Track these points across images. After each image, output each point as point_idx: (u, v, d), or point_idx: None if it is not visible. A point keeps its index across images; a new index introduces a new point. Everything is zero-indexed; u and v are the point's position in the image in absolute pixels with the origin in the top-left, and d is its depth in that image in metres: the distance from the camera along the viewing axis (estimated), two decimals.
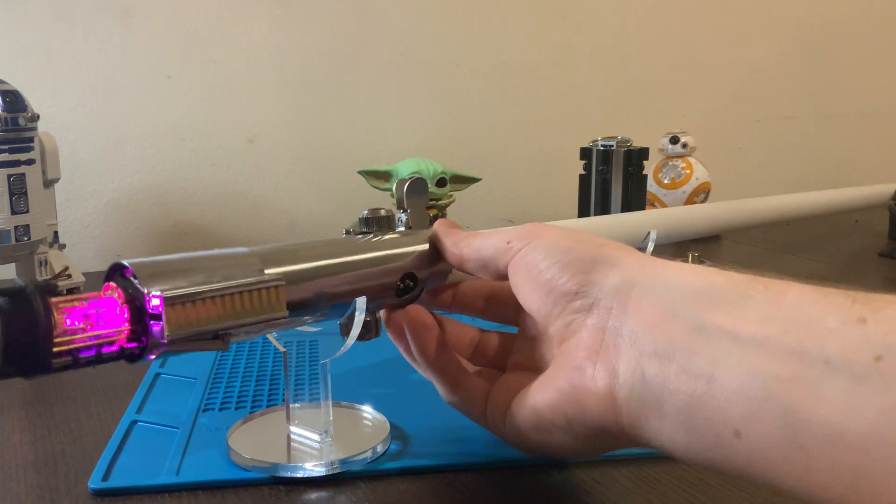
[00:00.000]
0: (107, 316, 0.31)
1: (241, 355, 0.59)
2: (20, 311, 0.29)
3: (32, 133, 0.71)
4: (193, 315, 0.32)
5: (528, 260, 0.36)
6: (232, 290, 0.33)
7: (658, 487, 0.40)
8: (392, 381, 0.54)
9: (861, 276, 0.85)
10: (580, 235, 0.36)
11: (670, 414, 0.29)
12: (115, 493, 0.40)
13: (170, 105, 0.98)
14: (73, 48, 0.93)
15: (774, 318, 0.27)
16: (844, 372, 0.24)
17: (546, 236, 0.36)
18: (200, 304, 0.32)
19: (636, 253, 0.35)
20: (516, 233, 0.37)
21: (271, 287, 0.34)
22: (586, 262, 0.34)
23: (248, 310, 0.33)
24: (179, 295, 0.31)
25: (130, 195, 0.97)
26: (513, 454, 0.42)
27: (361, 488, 0.40)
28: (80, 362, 0.31)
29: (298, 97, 1.03)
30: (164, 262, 0.33)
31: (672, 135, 1.08)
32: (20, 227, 0.70)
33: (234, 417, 0.47)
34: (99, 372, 0.58)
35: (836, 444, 0.24)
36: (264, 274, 0.35)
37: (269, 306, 0.34)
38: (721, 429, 0.27)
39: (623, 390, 0.31)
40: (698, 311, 0.29)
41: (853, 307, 0.26)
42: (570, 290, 0.33)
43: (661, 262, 0.33)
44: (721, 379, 0.27)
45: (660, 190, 1.08)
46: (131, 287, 0.32)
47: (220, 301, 0.32)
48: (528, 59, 1.13)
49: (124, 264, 0.32)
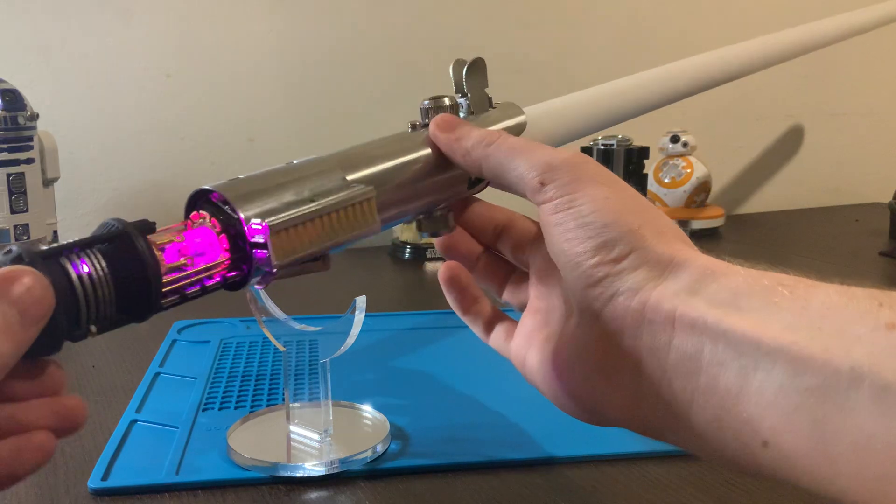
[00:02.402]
0: (205, 247, 0.30)
1: (241, 355, 0.59)
2: (125, 255, 0.27)
3: (32, 132, 0.71)
4: (297, 240, 0.31)
5: (563, 217, 0.32)
6: (329, 210, 0.32)
7: (658, 487, 0.40)
8: (392, 380, 0.54)
9: (862, 275, 0.85)
10: (622, 205, 0.32)
11: (698, 424, 0.28)
12: (115, 493, 0.40)
13: (169, 104, 0.98)
14: (72, 47, 0.93)
15: (800, 325, 0.26)
16: (871, 380, 0.24)
17: (588, 190, 0.32)
18: (301, 227, 0.31)
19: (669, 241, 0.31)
20: (554, 167, 0.32)
21: (363, 201, 0.33)
22: (622, 247, 0.31)
23: (346, 227, 0.33)
24: (282, 221, 0.30)
25: (130, 194, 0.97)
26: (512, 454, 0.42)
27: (361, 488, 0.40)
28: (187, 298, 0.30)
29: (298, 96, 1.03)
30: (248, 182, 0.32)
31: (672, 134, 1.08)
32: (19, 226, 0.70)
33: (234, 417, 0.47)
34: (99, 372, 0.58)
35: (862, 452, 0.24)
36: (351, 183, 0.34)
37: (364, 220, 0.33)
38: (749, 440, 0.27)
39: (648, 400, 0.30)
40: (722, 317, 0.28)
41: (880, 312, 0.25)
42: (593, 276, 0.31)
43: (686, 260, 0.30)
44: (750, 393, 0.27)
45: (660, 189, 1.08)
46: (222, 214, 0.31)
47: (320, 221, 0.32)
48: (528, 59, 1.13)
49: (209, 189, 0.31)
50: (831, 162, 1.34)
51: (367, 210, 0.33)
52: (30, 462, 0.27)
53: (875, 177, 1.33)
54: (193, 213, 0.31)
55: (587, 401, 0.32)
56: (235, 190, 0.31)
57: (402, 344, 0.61)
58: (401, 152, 0.37)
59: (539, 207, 0.33)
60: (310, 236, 0.31)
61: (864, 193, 1.32)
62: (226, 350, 0.60)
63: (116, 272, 0.27)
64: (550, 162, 0.33)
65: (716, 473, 0.40)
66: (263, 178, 0.32)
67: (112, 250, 0.27)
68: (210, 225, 0.31)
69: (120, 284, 0.27)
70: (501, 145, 0.35)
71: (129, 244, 0.27)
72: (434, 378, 0.54)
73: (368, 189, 0.34)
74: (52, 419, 0.28)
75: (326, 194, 0.33)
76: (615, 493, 0.39)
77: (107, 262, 0.27)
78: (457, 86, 0.41)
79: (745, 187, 1.29)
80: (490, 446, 0.43)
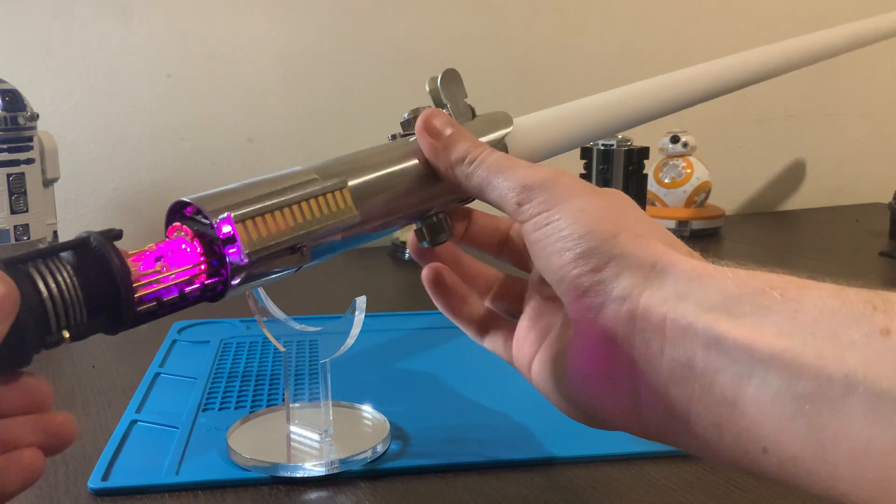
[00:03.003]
0: (179, 255, 0.31)
1: (241, 355, 0.59)
2: (90, 259, 0.28)
3: (32, 132, 0.71)
4: (265, 229, 0.31)
5: (543, 232, 0.32)
6: (298, 199, 0.33)
7: (658, 487, 0.40)
8: (393, 381, 0.54)
9: (861, 275, 0.85)
10: (599, 213, 0.32)
11: (698, 430, 0.28)
12: (115, 493, 0.40)
13: (169, 104, 0.98)
14: (72, 47, 0.93)
15: (793, 330, 0.26)
16: (865, 387, 0.24)
17: (565, 205, 0.32)
18: (269, 217, 0.31)
19: (649, 245, 0.31)
20: (531, 186, 0.33)
21: (335, 191, 0.34)
22: (600, 255, 0.31)
23: (319, 217, 0.33)
24: (248, 212, 0.31)
25: (130, 194, 0.97)
26: (512, 454, 0.42)
27: (361, 488, 0.40)
28: (165, 305, 0.30)
29: (298, 96, 1.03)
30: (223, 192, 0.32)
31: (672, 134, 1.08)
32: (19, 226, 0.70)
33: (234, 417, 0.47)
34: (99, 372, 0.58)
35: (860, 457, 0.24)
36: (324, 182, 0.34)
37: (339, 210, 0.34)
38: (749, 445, 0.27)
39: (646, 411, 0.30)
40: (713, 322, 0.28)
41: (874, 316, 0.25)
42: (581, 286, 0.31)
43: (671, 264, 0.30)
44: (746, 401, 0.27)
45: (660, 189, 1.08)
46: (196, 224, 0.31)
47: (289, 211, 0.32)
48: (528, 58, 1.13)
49: (185, 201, 0.32)
50: (831, 162, 1.34)
51: (341, 199, 0.34)
52: (17, 481, 0.27)
53: (875, 177, 1.33)
54: (169, 227, 0.32)
55: (590, 407, 0.33)
56: (206, 198, 0.31)
57: (403, 344, 0.61)
58: (388, 158, 0.37)
59: (522, 227, 0.33)
60: (279, 226, 0.32)
61: (864, 193, 1.32)
62: (226, 350, 0.60)
63: (81, 274, 0.27)
64: (526, 182, 0.33)
65: (716, 474, 0.40)
66: (236, 188, 0.33)
67: (76, 254, 0.28)
68: (184, 234, 0.31)
69: (86, 286, 0.27)
70: (481, 164, 0.35)
71: (92, 247, 0.28)
72: (434, 378, 0.54)
73: (340, 180, 0.34)
74: (39, 436, 0.28)
75: (297, 189, 0.33)
76: (615, 493, 0.39)
77: (71, 265, 0.27)
78: (434, 99, 0.41)
79: (745, 187, 1.29)
80: (490, 446, 0.43)
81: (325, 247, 0.34)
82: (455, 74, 0.41)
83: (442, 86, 0.40)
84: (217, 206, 0.31)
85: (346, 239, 0.35)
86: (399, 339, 0.63)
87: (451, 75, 0.40)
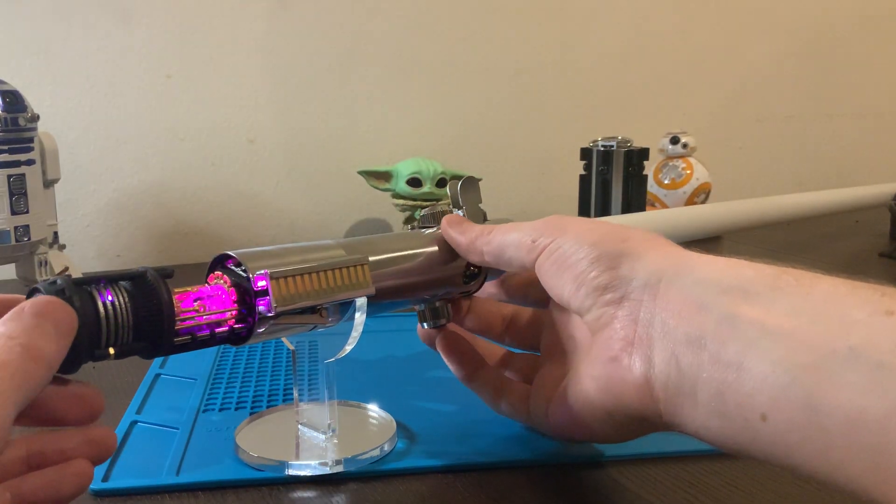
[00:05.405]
0: (216, 299, 0.35)
1: (241, 356, 0.59)
2: (144, 290, 0.32)
3: (32, 133, 0.71)
4: (294, 289, 0.36)
5: (557, 256, 0.37)
6: (325, 268, 0.38)
7: (658, 487, 0.40)
8: (399, 379, 0.55)
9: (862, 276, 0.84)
10: (603, 229, 0.37)
11: (704, 401, 0.30)
12: (115, 494, 0.40)
13: (169, 105, 0.98)
14: (73, 48, 0.93)
15: (803, 310, 0.28)
16: (867, 358, 0.25)
17: (571, 230, 0.37)
18: (300, 279, 0.36)
19: (660, 245, 0.35)
20: (540, 228, 0.38)
21: (358, 265, 0.39)
22: (613, 257, 0.35)
23: (340, 285, 0.38)
24: (282, 271, 0.36)
25: (130, 195, 0.97)
26: (519, 454, 0.42)
27: (367, 487, 0.40)
28: (196, 340, 0.34)
29: (298, 97, 1.03)
30: (263, 252, 0.37)
31: (672, 135, 1.08)
32: (20, 227, 0.70)
33: (234, 418, 0.47)
34: (99, 372, 0.58)
35: (855, 425, 0.25)
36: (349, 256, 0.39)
37: (357, 282, 0.39)
38: (749, 413, 0.28)
39: (659, 379, 0.32)
40: (728, 303, 0.30)
41: (882, 300, 0.27)
42: (600, 285, 0.34)
43: (685, 255, 0.34)
44: (749, 367, 0.28)
45: (660, 190, 1.08)
46: (234, 275, 0.36)
47: (317, 276, 0.37)
48: (528, 59, 1.13)
49: (228, 254, 0.37)
50: (831, 162, 1.35)
51: (361, 273, 0.39)
52: (72, 488, 0.30)
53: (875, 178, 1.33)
54: (210, 274, 0.37)
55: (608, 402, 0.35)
56: (248, 255, 0.36)
57: (409, 344, 0.61)
58: (404, 245, 0.43)
59: (535, 265, 0.38)
60: (307, 287, 0.37)
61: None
62: (226, 351, 0.60)
63: (135, 302, 0.32)
64: (536, 226, 0.39)
65: (717, 476, 0.40)
66: (274, 250, 0.38)
67: (134, 284, 0.32)
68: (223, 282, 0.36)
69: (137, 313, 0.32)
70: (497, 231, 0.41)
71: (148, 281, 0.32)
72: (440, 378, 0.54)
73: (362, 256, 0.39)
74: (87, 448, 0.31)
75: (324, 259, 0.38)
76: (616, 493, 0.39)
77: (128, 293, 0.32)
78: (453, 200, 0.46)
79: (745, 188, 1.29)
80: (496, 446, 0.43)
81: (341, 312, 0.39)
82: (474, 182, 0.47)
83: (461, 191, 0.46)
84: (257, 264, 0.36)
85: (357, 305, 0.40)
86: (405, 339, 0.63)
87: (470, 183, 0.47)
